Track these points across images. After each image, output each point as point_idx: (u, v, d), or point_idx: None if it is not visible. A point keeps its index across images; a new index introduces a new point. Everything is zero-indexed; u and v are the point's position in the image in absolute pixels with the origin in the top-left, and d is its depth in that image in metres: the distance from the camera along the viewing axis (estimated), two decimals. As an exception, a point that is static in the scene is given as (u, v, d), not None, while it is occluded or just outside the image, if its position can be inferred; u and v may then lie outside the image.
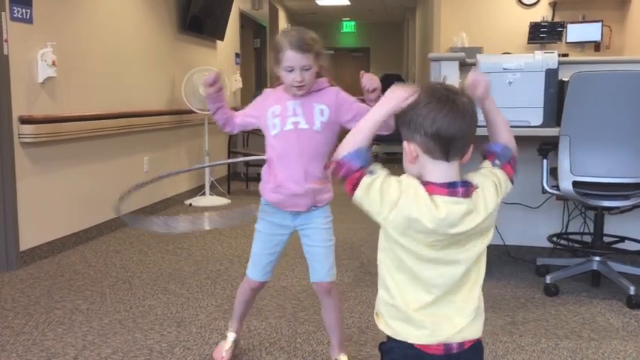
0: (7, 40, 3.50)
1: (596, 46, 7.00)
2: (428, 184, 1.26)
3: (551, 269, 3.35)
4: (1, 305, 3.02)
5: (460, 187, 1.26)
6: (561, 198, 3.40)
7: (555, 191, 3.18)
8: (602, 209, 3.27)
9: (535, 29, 7.04)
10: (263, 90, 2.27)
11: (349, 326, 2.72)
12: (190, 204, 5.80)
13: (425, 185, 1.26)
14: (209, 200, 5.84)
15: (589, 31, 6.93)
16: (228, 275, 3.53)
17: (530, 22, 7.06)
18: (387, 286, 1.33)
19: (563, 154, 3.02)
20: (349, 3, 11.19)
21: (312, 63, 2.01)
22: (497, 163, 1.37)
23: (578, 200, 3.16)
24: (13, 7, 3.54)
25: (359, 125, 1.33)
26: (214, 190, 6.04)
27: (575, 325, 2.78)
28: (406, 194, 1.25)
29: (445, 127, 1.23)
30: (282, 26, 11.43)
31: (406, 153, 1.30)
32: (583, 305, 3.04)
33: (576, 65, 3.35)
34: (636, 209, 3.41)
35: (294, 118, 2.06)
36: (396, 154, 7.72)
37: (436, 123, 1.23)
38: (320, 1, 11.10)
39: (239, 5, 7.90)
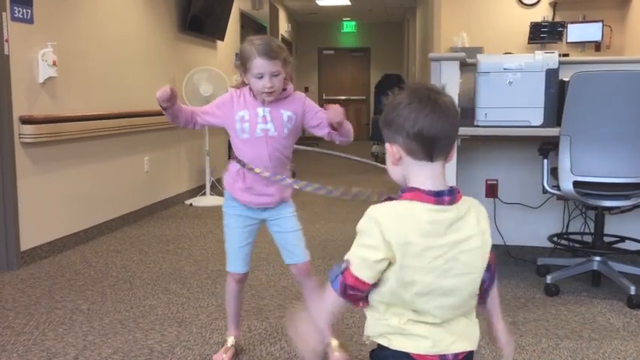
0: (7, 40, 3.50)
1: (597, 46, 6.99)
2: (413, 190, 1.23)
3: (552, 269, 3.34)
4: (2, 305, 3.02)
5: (447, 196, 1.22)
6: (562, 198, 3.40)
7: (556, 191, 3.18)
8: (603, 209, 3.27)
9: (535, 29, 7.03)
10: (228, 89, 2.32)
11: (349, 326, 2.72)
12: (191, 204, 5.80)
13: (411, 192, 1.23)
14: (209, 200, 5.84)
15: (589, 31, 6.92)
16: (228, 275, 3.53)
17: (531, 22, 7.06)
18: (379, 311, 1.29)
19: (563, 154, 3.02)
20: (349, 3, 11.19)
21: (281, 69, 2.09)
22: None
23: (578, 200, 3.16)
24: (13, 7, 3.55)
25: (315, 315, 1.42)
26: (214, 190, 6.04)
27: (576, 325, 2.78)
28: (385, 224, 1.19)
29: (427, 127, 1.20)
30: (283, 26, 11.44)
31: (389, 155, 1.27)
32: (583, 305, 3.04)
33: (577, 65, 3.34)
34: (637, 209, 3.41)
35: (263, 125, 2.16)
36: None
37: (418, 123, 1.20)
38: (320, 1, 11.10)
39: (239, 5, 7.91)
